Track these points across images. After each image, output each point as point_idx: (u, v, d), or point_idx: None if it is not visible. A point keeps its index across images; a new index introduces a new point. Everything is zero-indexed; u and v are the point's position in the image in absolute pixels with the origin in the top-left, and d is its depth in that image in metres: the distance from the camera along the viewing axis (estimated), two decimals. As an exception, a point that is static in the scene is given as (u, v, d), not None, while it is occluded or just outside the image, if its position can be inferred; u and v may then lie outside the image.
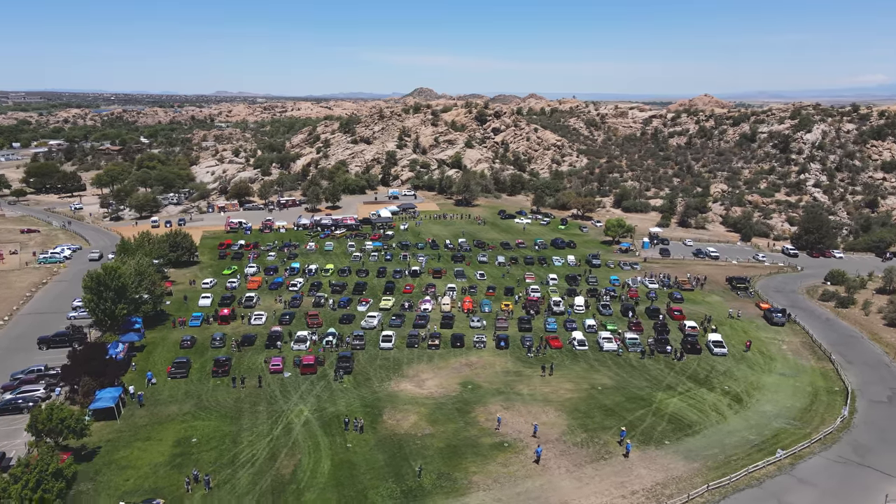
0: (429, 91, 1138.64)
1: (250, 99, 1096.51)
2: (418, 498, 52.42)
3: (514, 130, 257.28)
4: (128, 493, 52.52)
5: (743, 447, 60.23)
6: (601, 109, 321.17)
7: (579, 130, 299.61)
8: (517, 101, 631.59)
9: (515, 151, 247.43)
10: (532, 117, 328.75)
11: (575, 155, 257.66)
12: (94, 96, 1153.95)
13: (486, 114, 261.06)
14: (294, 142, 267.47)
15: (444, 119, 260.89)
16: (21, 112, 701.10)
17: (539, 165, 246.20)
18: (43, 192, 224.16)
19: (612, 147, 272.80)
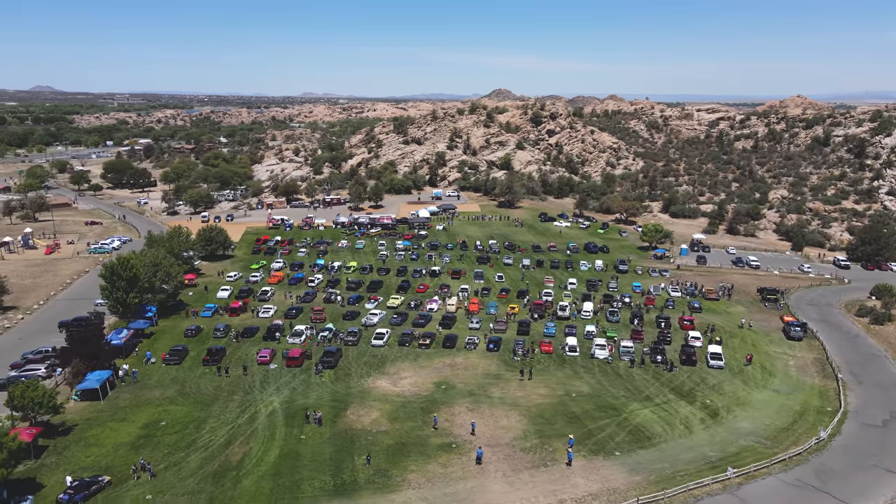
0: (507, 92, 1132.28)
1: (333, 100, 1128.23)
2: (348, 492, 53.59)
3: (569, 132, 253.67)
4: (84, 468, 56.44)
5: (696, 463, 57.85)
6: (667, 111, 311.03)
7: (639, 133, 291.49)
8: (595, 103, 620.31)
9: (569, 153, 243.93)
10: (592, 119, 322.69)
11: (631, 158, 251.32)
12: (190, 98, 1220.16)
13: (542, 115, 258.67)
14: (352, 142, 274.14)
15: (500, 120, 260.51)
16: (123, 112, 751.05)
17: (593, 168, 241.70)
18: (118, 188, 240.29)
19: (671, 150, 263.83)
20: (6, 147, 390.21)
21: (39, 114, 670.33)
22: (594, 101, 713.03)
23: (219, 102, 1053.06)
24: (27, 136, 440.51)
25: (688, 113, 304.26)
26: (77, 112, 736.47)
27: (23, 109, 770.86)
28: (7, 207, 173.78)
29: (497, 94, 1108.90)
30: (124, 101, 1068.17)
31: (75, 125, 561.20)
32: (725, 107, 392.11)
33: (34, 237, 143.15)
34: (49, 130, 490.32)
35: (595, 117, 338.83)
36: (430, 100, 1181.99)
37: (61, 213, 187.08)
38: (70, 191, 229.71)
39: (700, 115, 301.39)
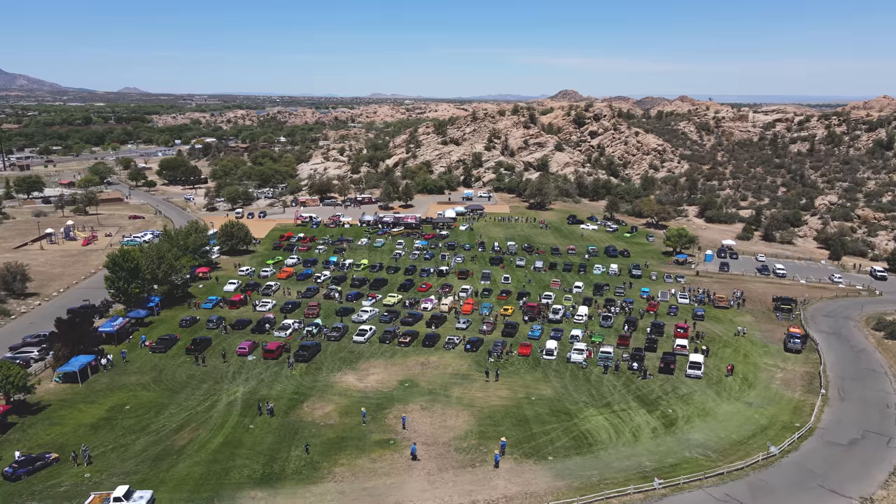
0: (573, 93, 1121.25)
1: (399, 101, 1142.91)
2: (272, 481, 55.27)
3: (612, 134, 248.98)
4: (40, 445, 60.44)
5: (628, 472, 56.52)
6: (722, 112, 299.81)
7: (688, 135, 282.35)
8: (664, 104, 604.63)
9: (610, 155, 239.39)
10: (641, 121, 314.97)
11: (676, 160, 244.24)
12: (263, 98, 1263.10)
13: (585, 117, 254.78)
14: (396, 142, 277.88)
15: (542, 122, 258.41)
16: (198, 113, 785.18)
17: (635, 170, 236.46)
18: (172, 184, 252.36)
19: (720, 153, 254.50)
20: (83, 145, 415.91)
21: (122, 114, 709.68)
22: (663, 102, 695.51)
23: (289, 103, 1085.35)
24: (105, 135, 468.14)
25: (742, 114, 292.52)
26: (157, 112, 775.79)
27: (109, 110, 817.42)
28: (60, 201, 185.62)
29: (563, 95, 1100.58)
30: (202, 102, 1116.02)
31: (151, 125, 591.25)
32: (803, 108, 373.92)
33: (75, 229, 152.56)
34: (126, 130, 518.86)
35: (644, 119, 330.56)
36: (495, 100, 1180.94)
37: (112, 207, 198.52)
38: (126, 186, 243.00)
39: (756, 117, 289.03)
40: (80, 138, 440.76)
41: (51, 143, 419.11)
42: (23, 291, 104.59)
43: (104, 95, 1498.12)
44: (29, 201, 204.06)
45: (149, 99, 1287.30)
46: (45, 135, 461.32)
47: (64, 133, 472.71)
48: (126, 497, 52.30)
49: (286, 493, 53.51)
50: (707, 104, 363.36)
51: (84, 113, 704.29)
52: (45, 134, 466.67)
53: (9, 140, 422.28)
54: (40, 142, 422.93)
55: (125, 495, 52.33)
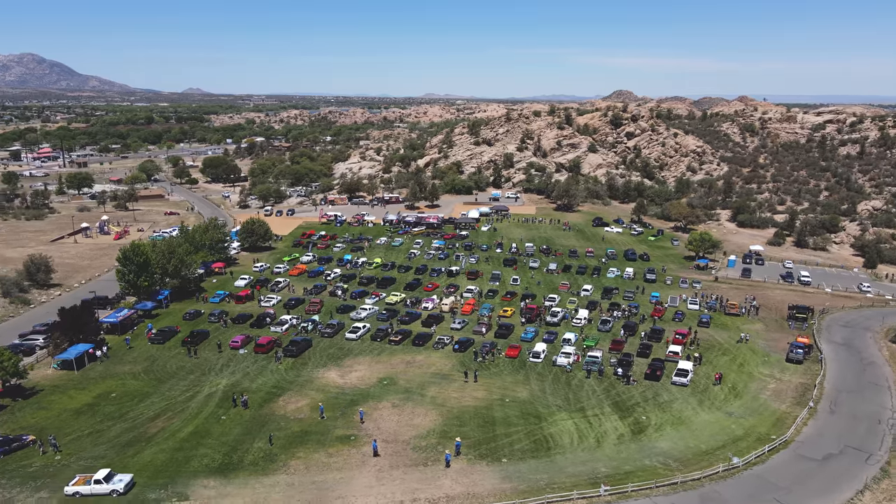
0: (627, 93, 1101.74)
1: (451, 101, 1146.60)
2: (227, 471, 56.96)
3: (649, 135, 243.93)
4: (24, 427, 63.89)
5: (579, 477, 55.81)
6: (770, 113, 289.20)
7: (731, 136, 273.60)
8: (722, 104, 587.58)
9: (646, 157, 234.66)
10: (684, 122, 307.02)
11: (716, 163, 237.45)
12: (318, 99, 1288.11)
13: (622, 117, 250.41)
14: (433, 142, 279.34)
15: (578, 123, 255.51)
16: (254, 113, 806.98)
17: (672, 173, 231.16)
18: (214, 182, 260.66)
19: (763, 155, 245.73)
20: (141, 143, 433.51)
21: (183, 114, 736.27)
22: (721, 103, 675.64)
23: (343, 103, 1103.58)
24: (162, 134, 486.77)
25: (790, 115, 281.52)
26: (215, 112, 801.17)
27: (171, 110, 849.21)
28: (102, 197, 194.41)
29: (617, 96, 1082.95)
30: (260, 102, 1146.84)
31: (207, 124, 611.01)
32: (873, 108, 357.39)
33: (109, 224, 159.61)
34: (183, 129, 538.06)
35: (687, 120, 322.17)
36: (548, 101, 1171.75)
37: (152, 203, 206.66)
38: (170, 183, 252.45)
39: (804, 118, 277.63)
40: (138, 137, 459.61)
41: (111, 141, 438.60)
42: (46, 282, 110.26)
43: (168, 96, 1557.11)
44: (77, 197, 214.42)
45: (210, 99, 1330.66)
46: (107, 134, 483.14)
47: (124, 132, 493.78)
48: (106, 479, 54.86)
49: (238, 483, 55.10)
50: (757, 104, 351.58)
51: (148, 113, 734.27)
52: (108, 133, 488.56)
53: (73, 138, 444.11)
54: (102, 140, 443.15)
55: (105, 478, 54.90)
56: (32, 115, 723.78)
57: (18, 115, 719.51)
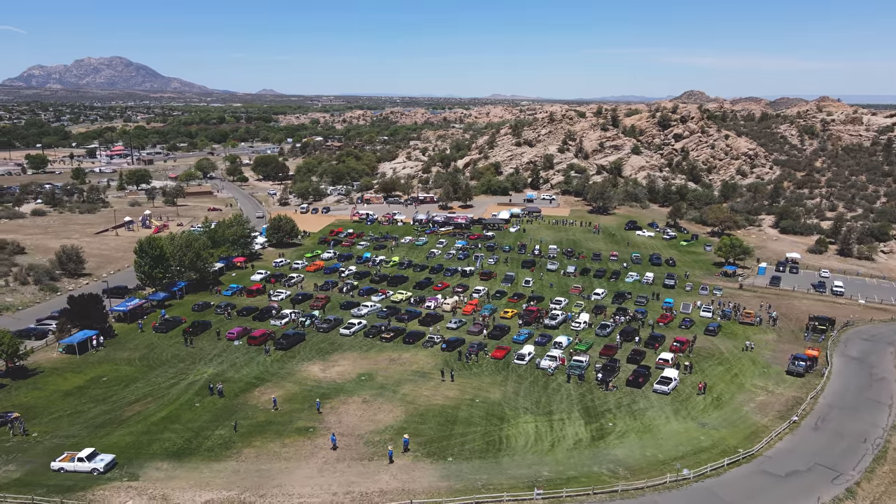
0: (699, 94, 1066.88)
1: (516, 101, 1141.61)
2: (183, 455, 59.39)
3: (699, 137, 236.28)
4: (15, 405, 68.40)
5: (518, 479, 55.30)
6: (835, 114, 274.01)
7: (788, 138, 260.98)
8: (801, 105, 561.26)
9: (694, 160, 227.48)
10: (739, 123, 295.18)
11: (768, 166, 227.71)
12: (385, 99, 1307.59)
13: (671, 118, 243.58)
14: (479, 143, 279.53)
15: (624, 124, 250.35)
16: (320, 113, 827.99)
17: (721, 176, 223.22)
18: (265, 180, 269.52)
19: (821, 158, 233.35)
20: (206, 142, 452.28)
21: (253, 114, 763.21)
22: (800, 103, 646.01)
23: (409, 104, 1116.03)
24: (229, 134, 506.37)
25: (855, 117, 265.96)
26: (284, 112, 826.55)
27: (243, 110, 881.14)
28: (152, 192, 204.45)
29: (688, 96, 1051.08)
30: (327, 103, 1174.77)
31: (273, 124, 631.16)
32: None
33: (151, 219, 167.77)
34: (249, 128, 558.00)
35: (743, 121, 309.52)
36: (615, 102, 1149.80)
37: (200, 199, 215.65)
38: (223, 180, 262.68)
39: (871, 120, 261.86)
40: (205, 136, 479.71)
41: (179, 140, 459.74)
42: (76, 271, 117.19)
43: (243, 97, 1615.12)
44: (133, 192, 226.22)
45: (281, 100, 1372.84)
46: (178, 133, 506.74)
47: (194, 131, 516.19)
48: (89, 458, 58.23)
49: (188, 467, 57.44)
50: (834, 105, 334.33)
51: (220, 113, 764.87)
52: (178, 132, 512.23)
53: (145, 137, 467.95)
54: (173, 139, 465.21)
55: (88, 456, 58.33)
56: (116, 114, 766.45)
57: (103, 114, 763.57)
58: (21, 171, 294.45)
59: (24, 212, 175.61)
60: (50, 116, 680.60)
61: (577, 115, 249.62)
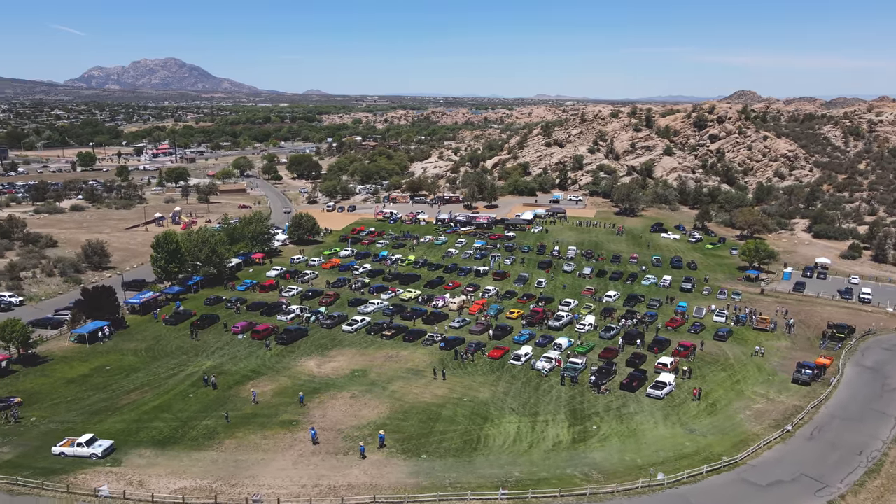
0: (750, 94, 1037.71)
1: (560, 102, 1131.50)
2: (167, 443, 61.14)
3: (735, 138, 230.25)
4: (20, 391, 71.46)
5: (488, 479, 55.07)
6: (884, 115, 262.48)
7: (831, 140, 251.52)
8: (858, 104, 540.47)
9: (729, 161, 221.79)
10: (781, 124, 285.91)
11: (808, 168, 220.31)
12: (428, 99, 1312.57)
13: (707, 119, 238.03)
14: (511, 143, 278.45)
15: (660, 124, 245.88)
16: (364, 112, 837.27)
17: (757, 178, 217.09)
18: (299, 178, 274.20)
19: (865, 160, 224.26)
20: (249, 141, 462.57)
21: (297, 114, 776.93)
22: (858, 103, 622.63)
23: (452, 104, 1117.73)
24: (271, 133, 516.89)
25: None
26: (328, 112, 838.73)
27: (288, 110, 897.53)
28: (186, 189, 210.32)
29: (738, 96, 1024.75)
30: (372, 103, 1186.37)
31: (316, 124, 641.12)
32: None
33: (181, 215, 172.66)
34: (292, 128, 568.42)
35: (785, 122, 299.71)
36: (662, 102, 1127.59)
37: (232, 196, 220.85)
38: (258, 178, 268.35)
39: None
40: (248, 135, 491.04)
41: (223, 139, 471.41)
42: (101, 264, 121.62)
43: (290, 97, 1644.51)
44: (171, 189, 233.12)
45: (327, 100, 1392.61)
46: (223, 132, 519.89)
47: (238, 131, 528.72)
48: (88, 444, 60.61)
49: (170, 455, 59.14)
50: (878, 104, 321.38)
51: (266, 113, 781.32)
52: (223, 131, 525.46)
53: (191, 136, 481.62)
54: (217, 138, 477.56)
55: (87, 442, 60.74)
56: (167, 114, 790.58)
57: (155, 114, 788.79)
58: (71, 168, 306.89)
59: (64, 207, 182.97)
60: (105, 116, 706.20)
61: (609, 116, 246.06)
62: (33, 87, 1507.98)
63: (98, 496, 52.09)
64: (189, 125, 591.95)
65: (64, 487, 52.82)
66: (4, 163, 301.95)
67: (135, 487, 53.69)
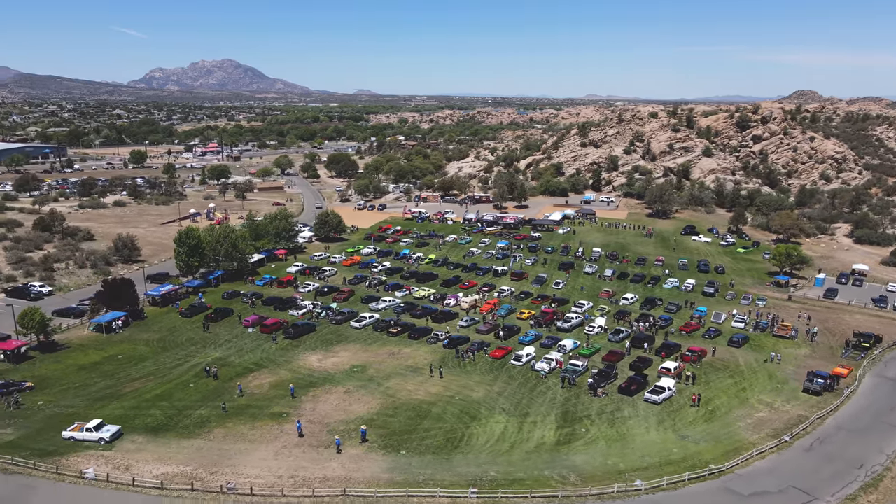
0: (810, 94, 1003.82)
1: (611, 102, 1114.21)
2: (160, 430, 63.17)
3: (780, 139, 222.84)
4: (34, 376, 74.81)
5: (461, 477, 54.93)
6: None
7: (885, 141, 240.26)
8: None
9: (773, 163, 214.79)
10: (830, 125, 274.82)
11: (857, 171, 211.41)
12: (476, 100, 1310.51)
13: (751, 119, 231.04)
14: (549, 143, 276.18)
15: (701, 125, 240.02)
16: (411, 112, 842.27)
17: (802, 180, 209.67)
18: (337, 177, 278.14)
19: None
20: (295, 140, 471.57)
21: (345, 114, 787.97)
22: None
23: (500, 104, 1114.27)
24: (317, 132, 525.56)
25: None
26: (376, 112, 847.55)
27: (337, 110, 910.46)
28: (223, 187, 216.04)
29: (798, 96, 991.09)
30: (420, 103, 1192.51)
31: (361, 123, 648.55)
32: None
33: (215, 211, 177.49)
34: (337, 127, 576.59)
35: (838, 122, 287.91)
36: (716, 102, 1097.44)
37: (269, 194, 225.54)
38: (297, 177, 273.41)
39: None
40: (295, 134, 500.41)
41: (270, 137, 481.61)
42: (130, 257, 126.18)
43: (340, 97, 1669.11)
44: (210, 186, 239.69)
45: (376, 100, 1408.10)
46: (270, 131, 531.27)
47: (285, 130, 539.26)
48: (96, 428, 63.37)
49: (160, 442, 61.10)
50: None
51: (315, 113, 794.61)
52: (271, 130, 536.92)
53: (240, 135, 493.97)
54: (265, 137, 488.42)
55: (95, 427, 63.50)
56: (221, 114, 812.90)
57: (209, 114, 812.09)
58: (123, 165, 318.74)
59: (107, 202, 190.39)
60: (162, 116, 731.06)
61: (648, 116, 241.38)
62: (99, 88, 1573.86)
63: (84, 478, 54.19)
64: (240, 124, 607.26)
65: (54, 468, 55.11)
66: (62, 160, 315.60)
67: (120, 471, 55.66)
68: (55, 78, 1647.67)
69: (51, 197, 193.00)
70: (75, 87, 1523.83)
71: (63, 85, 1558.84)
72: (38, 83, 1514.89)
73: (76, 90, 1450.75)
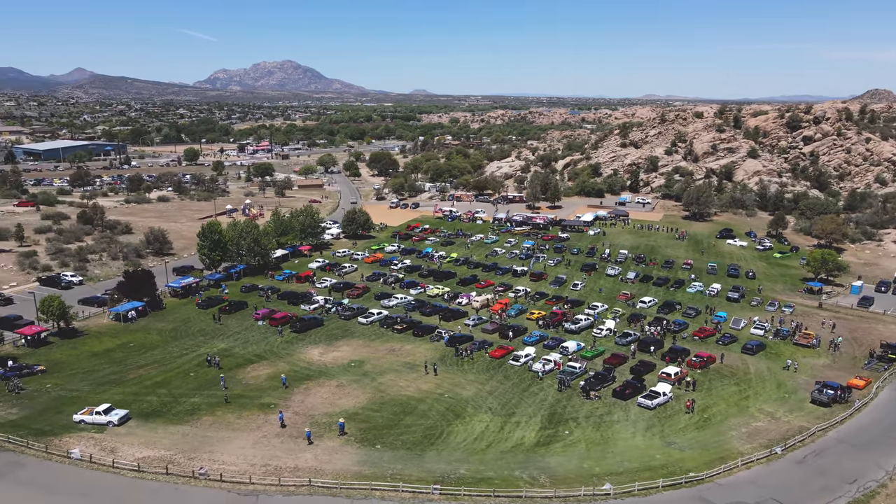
0: (885, 93, 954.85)
1: (669, 102, 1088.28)
2: (152, 416, 65.54)
3: (833, 139, 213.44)
4: (50, 361, 78.67)
5: (429, 474, 54.85)
6: None
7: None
8: None
9: (824, 165, 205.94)
10: (891, 126, 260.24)
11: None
12: (531, 100, 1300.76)
13: (801, 119, 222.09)
14: (592, 142, 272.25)
15: (749, 125, 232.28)
16: (463, 112, 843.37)
17: (854, 183, 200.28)
18: (379, 175, 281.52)
19: None
20: (344, 139, 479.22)
21: (398, 113, 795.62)
22: None
23: (555, 104, 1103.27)
24: (366, 132, 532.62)
25: None
26: (429, 111, 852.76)
27: (391, 110, 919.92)
28: (263, 184, 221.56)
29: (871, 95, 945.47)
30: (474, 103, 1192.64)
31: (412, 123, 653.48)
32: None
33: (250, 208, 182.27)
34: (387, 127, 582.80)
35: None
36: (781, 102, 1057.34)
37: (308, 191, 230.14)
38: (340, 175, 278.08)
39: None
40: (345, 134, 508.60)
41: (320, 137, 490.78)
42: (161, 250, 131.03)
43: (395, 97, 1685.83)
44: (253, 183, 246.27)
45: (430, 100, 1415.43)
46: (322, 130, 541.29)
47: (336, 129, 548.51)
48: (105, 412, 66.51)
49: (150, 426, 63.40)
50: None
51: (369, 112, 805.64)
52: (323, 129, 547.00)
53: (292, 134, 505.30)
54: (316, 136, 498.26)
55: (105, 410, 66.65)
56: (278, 113, 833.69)
57: (266, 113, 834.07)
58: (178, 163, 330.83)
59: (152, 198, 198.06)
60: (222, 115, 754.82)
61: (692, 116, 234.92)
62: (166, 89, 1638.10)
63: (70, 457, 56.76)
64: (294, 123, 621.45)
65: (44, 448, 57.92)
66: (121, 157, 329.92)
67: (106, 453, 58.02)
68: (126, 79, 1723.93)
69: (100, 192, 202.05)
70: (144, 88, 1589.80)
71: (133, 85, 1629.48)
72: (111, 84, 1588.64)
73: (145, 90, 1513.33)
